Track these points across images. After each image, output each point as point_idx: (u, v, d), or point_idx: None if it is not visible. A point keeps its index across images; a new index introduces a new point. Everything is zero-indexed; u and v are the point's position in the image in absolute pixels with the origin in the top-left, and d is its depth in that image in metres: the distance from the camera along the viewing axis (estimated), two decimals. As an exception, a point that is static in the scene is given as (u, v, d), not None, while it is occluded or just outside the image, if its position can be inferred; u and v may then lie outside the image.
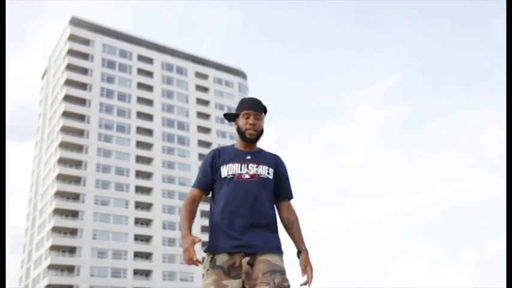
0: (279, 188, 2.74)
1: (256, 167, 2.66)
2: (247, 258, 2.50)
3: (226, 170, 2.64)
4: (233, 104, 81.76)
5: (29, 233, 72.81)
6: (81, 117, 68.41)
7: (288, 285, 2.48)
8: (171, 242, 67.45)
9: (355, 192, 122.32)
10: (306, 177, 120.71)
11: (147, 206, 68.96)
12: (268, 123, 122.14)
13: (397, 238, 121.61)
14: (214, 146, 77.16)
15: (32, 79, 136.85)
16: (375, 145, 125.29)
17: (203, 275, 2.58)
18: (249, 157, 2.68)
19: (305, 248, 2.67)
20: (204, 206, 73.56)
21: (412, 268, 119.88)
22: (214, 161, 2.70)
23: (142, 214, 67.58)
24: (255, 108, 2.69)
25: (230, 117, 2.78)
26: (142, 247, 65.71)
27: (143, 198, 68.60)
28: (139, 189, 69.19)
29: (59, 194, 63.75)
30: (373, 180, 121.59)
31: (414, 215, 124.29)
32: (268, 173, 2.67)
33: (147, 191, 69.90)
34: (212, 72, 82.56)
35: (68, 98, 68.44)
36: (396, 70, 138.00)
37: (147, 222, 68.00)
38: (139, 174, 70.03)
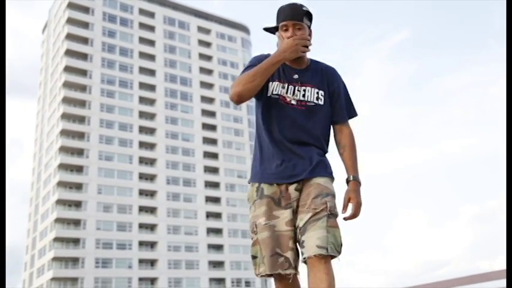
0: (331, 107, 2.37)
1: (304, 91, 2.30)
2: (295, 185, 2.24)
3: (272, 88, 2.30)
4: (236, 59, 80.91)
5: (35, 187, 73.80)
6: (83, 72, 67.93)
7: (336, 212, 2.19)
8: (175, 196, 68.34)
9: (361, 147, 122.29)
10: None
11: (151, 162, 69.48)
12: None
13: (400, 193, 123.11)
14: (217, 102, 76.97)
15: (33, 32, 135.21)
16: (380, 102, 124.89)
17: (250, 207, 2.31)
18: (296, 76, 2.32)
19: (353, 177, 2.29)
20: (207, 119, 73.82)
21: (413, 222, 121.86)
22: None
23: (146, 169, 68.18)
24: (292, 17, 2.27)
25: (271, 30, 2.38)
26: (147, 201, 66.67)
27: (147, 153, 69.02)
28: (142, 145, 69.52)
29: (63, 149, 64.17)
30: (378, 136, 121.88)
31: (418, 171, 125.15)
32: (317, 98, 2.32)
33: (151, 146, 70.25)
34: (215, 27, 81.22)
35: (69, 53, 67.76)
36: (404, 27, 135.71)
37: (151, 177, 68.69)
38: (142, 129, 70.17)
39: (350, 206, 2.25)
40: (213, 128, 75.51)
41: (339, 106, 2.39)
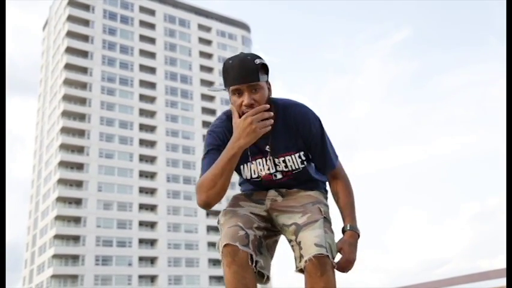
0: (316, 160, 2.05)
1: (284, 162, 1.97)
2: (277, 188, 2.03)
3: (248, 172, 1.99)
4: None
5: (35, 184, 73.84)
6: (83, 70, 67.92)
7: (331, 219, 1.95)
8: (175, 194, 68.37)
9: (362, 145, 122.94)
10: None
11: (151, 159, 69.50)
12: (276, 78, 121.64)
13: (401, 191, 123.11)
14: (217, 100, 76.91)
15: (34, 30, 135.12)
16: (381, 100, 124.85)
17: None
18: (267, 148, 1.95)
19: (350, 227, 1.97)
20: (207, 117, 74.00)
21: (414, 220, 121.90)
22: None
23: (147, 167, 68.20)
24: (245, 79, 1.77)
25: (216, 90, 2.09)
26: (147, 199, 66.70)
27: (147, 151, 69.03)
28: (143, 143, 69.53)
29: (64, 147, 64.20)
30: (379, 134, 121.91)
31: (418, 169, 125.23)
32: (301, 162, 1.99)
33: (151, 144, 70.26)
34: (215, 25, 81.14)
35: (69, 50, 67.74)
36: (406, 25, 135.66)
37: (151, 175, 68.71)
38: (143, 127, 70.18)
39: (340, 259, 1.90)
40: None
41: (324, 157, 2.03)
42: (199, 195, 1.81)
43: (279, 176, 1.99)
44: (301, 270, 1.80)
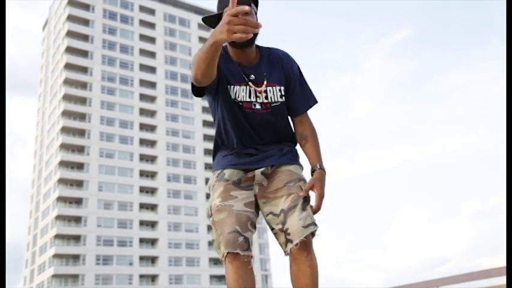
0: (288, 99, 2.19)
1: (265, 92, 2.12)
2: (262, 169, 2.13)
3: (233, 93, 2.11)
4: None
5: (36, 184, 73.86)
6: (83, 70, 67.91)
7: (309, 195, 2.10)
8: (175, 193, 68.38)
9: (362, 145, 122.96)
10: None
11: (152, 159, 69.50)
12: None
13: (401, 190, 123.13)
14: (217, 99, 76.78)
15: (35, 30, 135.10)
16: (382, 99, 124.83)
17: (210, 193, 2.19)
18: (253, 76, 2.12)
19: (319, 166, 2.15)
20: (207, 116, 73.59)
21: (414, 219, 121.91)
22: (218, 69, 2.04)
23: (147, 166, 68.19)
24: (239, 2, 1.80)
25: (211, 21, 2.03)
26: (148, 199, 66.71)
27: (147, 151, 69.03)
28: (143, 142, 69.53)
29: (64, 147, 64.21)
30: (380, 134, 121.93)
31: (419, 168, 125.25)
32: (280, 96, 2.16)
33: (151, 143, 70.26)
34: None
35: (69, 50, 67.72)
36: (406, 25, 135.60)
37: (151, 175, 68.71)
38: (143, 127, 70.17)
39: (313, 196, 2.10)
40: (213, 125, 75.48)
41: (299, 97, 2.21)
42: (192, 72, 1.97)
43: (258, 106, 2.12)
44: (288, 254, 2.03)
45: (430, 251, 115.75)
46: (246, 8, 1.57)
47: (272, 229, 2.09)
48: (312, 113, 2.31)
